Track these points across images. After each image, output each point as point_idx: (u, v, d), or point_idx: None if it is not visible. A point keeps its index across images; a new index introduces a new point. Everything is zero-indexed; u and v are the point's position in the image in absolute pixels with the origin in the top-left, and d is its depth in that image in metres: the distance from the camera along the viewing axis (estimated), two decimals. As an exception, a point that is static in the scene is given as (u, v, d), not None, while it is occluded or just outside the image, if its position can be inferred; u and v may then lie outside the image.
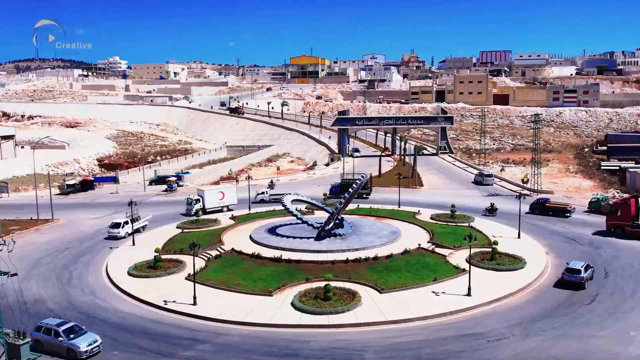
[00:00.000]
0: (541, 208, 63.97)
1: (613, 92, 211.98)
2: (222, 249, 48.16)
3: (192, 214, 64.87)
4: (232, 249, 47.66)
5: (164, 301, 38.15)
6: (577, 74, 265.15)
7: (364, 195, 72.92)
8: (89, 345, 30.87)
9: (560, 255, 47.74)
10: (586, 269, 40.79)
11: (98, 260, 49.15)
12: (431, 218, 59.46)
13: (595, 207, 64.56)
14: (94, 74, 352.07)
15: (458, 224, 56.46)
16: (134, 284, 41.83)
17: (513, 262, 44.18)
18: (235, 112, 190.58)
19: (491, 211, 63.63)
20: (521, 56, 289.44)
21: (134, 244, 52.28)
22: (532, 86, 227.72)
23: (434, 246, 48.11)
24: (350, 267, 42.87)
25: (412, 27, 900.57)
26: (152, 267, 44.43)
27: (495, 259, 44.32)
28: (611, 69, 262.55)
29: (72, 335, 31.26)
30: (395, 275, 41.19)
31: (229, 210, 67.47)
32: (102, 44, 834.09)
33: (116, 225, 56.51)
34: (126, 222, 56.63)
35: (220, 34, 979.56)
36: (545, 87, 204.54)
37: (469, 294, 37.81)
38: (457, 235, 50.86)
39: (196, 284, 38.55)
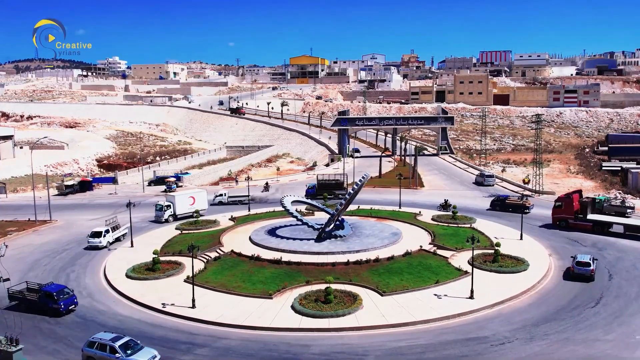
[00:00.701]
0: (502, 204, 66.77)
1: (613, 92, 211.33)
2: (222, 251, 47.59)
3: (163, 221, 62.30)
4: (232, 251, 47.08)
5: (162, 304, 37.60)
6: (577, 74, 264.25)
7: (339, 196, 71.97)
8: None
9: (563, 257, 47.19)
10: (593, 262, 42.58)
11: (96, 262, 48.62)
12: (432, 219, 58.93)
13: (597, 207, 63.96)
14: (94, 74, 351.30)
15: (460, 225, 55.95)
16: (132, 286, 41.29)
17: (516, 264, 43.61)
18: (237, 112, 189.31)
19: (445, 207, 65.27)
20: (521, 56, 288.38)
21: (132, 246, 51.73)
22: (532, 86, 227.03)
23: (435, 248, 47.55)
24: (351, 269, 42.34)
25: (412, 27, 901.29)
26: (151, 269, 43.88)
27: (497, 261, 43.76)
28: (611, 69, 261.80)
29: (129, 351, 29.47)
30: (397, 277, 40.66)
31: (199, 215, 62.86)
32: (102, 44, 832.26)
33: (96, 235, 52.50)
34: (107, 231, 53.23)
35: (220, 34, 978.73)
36: (546, 87, 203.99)
37: (471, 297, 37.26)
38: (459, 237, 50.38)
39: (195, 287, 38.04)
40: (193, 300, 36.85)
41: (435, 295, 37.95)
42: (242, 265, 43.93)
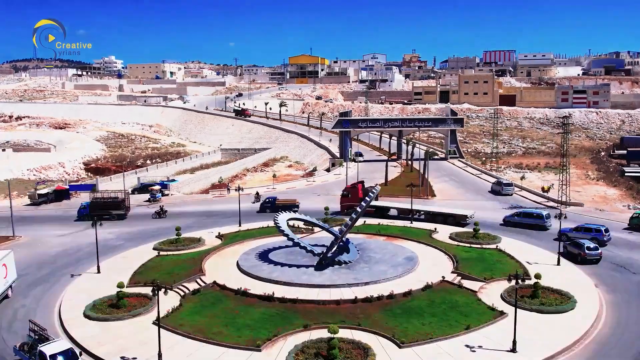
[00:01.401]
0: None
1: (622, 92, 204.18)
2: (203, 282, 39.65)
3: None
4: (214, 282, 39.13)
5: (121, 358, 29.67)
6: (583, 74, 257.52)
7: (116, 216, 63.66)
8: None
9: (614, 289, 39.18)
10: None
11: (53, 292, 40.51)
12: (450, 237, 50.85)
13: (636, 223, 56.02)
14: (89, 73, 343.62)
15: (483, 246, 47.83)
16: (89, 329, 33.24)
17: (560, 301, 35.50)
18: (242, 114, 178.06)
19: None
20: (525, 56, 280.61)
21: (98, 272, 43.66)
22: (539, 86, 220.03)
23: (460, 278, 39.48)
24: (360, 308, 34.38)
25: (414, 27, 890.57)
26: (115, 306, 35.93)
27: (538, 296, 35.57)
28: (619, 69, 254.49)
29: None
30: (417, 320, 32.75)
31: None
32: (99, 43, 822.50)
33: None
34: None
35: (219, 33, 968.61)
36: (553, 88, 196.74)
37: (513, 350, 29.30)
38: (485, 262, 42.65)
39: (166, 332, 30.32)
40: (160, 355, 28.96)
41: (467, 346, 29.93)
42: (225, 302, 36.00)
